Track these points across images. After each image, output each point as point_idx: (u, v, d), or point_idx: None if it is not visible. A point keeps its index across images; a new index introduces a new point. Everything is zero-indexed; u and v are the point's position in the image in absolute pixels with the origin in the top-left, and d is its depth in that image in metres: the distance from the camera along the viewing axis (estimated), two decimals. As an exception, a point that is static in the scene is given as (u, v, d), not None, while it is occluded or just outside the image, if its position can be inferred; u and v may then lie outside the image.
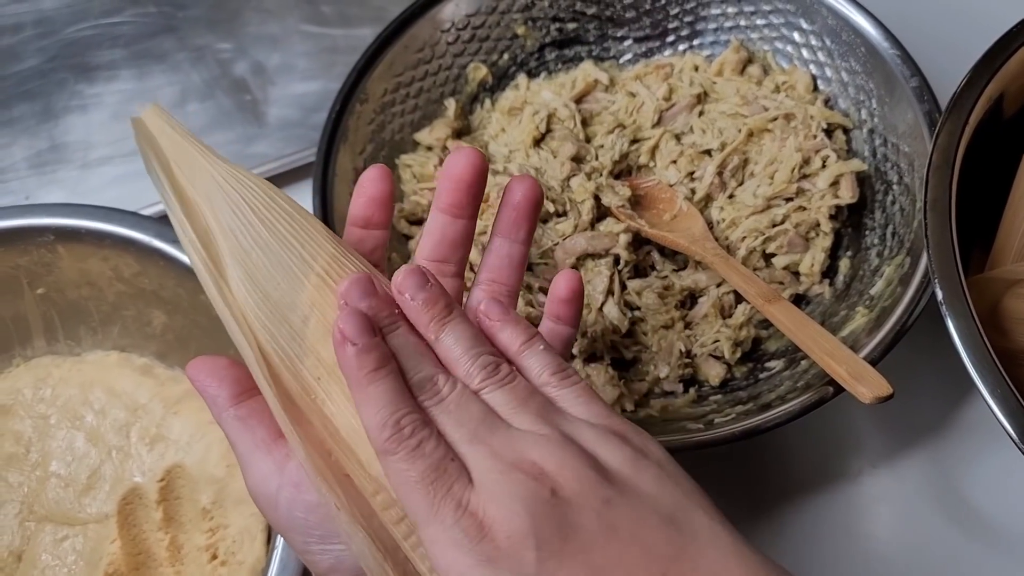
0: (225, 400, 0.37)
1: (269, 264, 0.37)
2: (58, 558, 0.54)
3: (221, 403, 0.37)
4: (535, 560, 0.29)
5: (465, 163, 0.38)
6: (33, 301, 0.58)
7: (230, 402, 0.37)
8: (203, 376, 0.37)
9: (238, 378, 0.37)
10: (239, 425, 0.36)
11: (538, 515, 0.29)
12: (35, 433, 0.57)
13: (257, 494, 0.36)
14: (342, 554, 0.35)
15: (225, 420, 0.37)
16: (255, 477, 0.36)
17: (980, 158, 0.52)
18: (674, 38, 0.70)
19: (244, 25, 0.79)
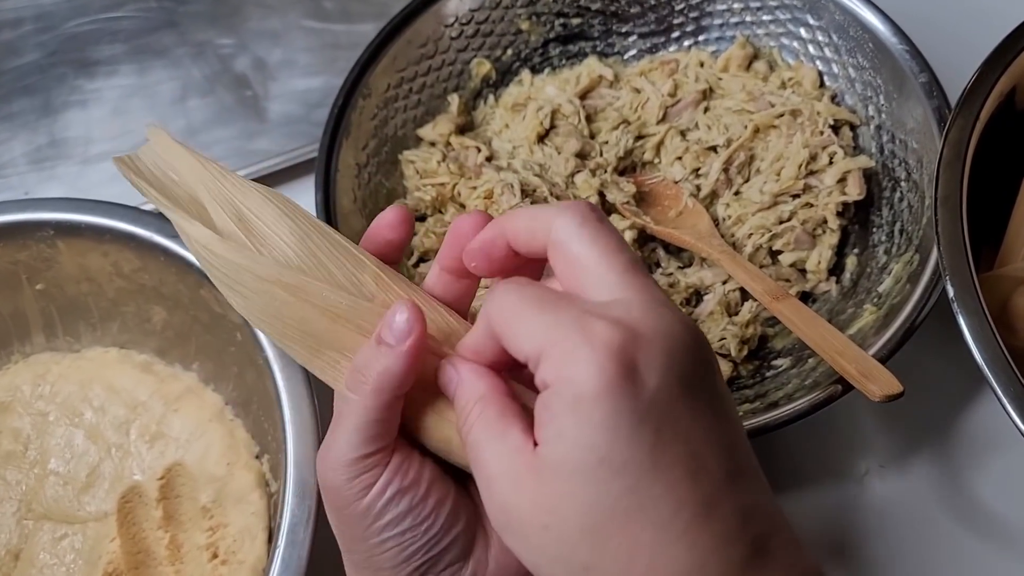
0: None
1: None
2: (57, 557, 0.53)
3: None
4: (645, 408, 0.28)
5: (471, 227, 0.37)
6: (32, 297, 0.58)
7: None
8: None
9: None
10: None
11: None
12: (34, 430, 0.57)
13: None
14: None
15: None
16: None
17: (990, 154, 0.52)
18: (679, 34, 0.69)
19: (245, 20, 0.79)
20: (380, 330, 0.33)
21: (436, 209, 0.64)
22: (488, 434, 0.30)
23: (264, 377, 0.51)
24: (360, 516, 0.33)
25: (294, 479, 0.46)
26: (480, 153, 0.64)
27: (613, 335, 0.27)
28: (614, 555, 0.27)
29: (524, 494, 0.28)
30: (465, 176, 0.63)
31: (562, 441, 0.27)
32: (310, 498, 0.46)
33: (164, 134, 0.40)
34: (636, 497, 0.27)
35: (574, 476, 0.27)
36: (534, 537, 0.28)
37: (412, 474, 0.33)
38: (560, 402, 0.27)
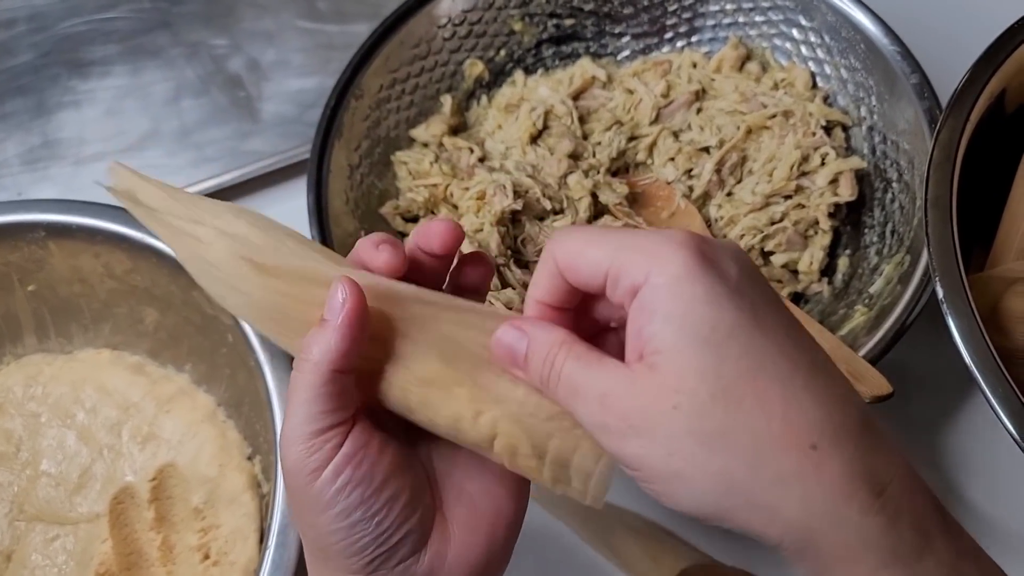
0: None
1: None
2: (48, 558, 0.53)
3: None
4: (750, 271, 0.30)
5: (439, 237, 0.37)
6: (24, 298, 0.58)
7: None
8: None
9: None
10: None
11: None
12: (26, 432, 0.57)
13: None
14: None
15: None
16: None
17: (981, 155, 0.52)
18: (672, 35, 0.69)
19: (239, 21, 0.78)
20: (324, 311, 0.33)
21: (429, 210, 0.64)
22: (583, 363, 0.30)
23: (256, 379, 0.51)
24: (312, 501, 0.33)
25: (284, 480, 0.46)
26: (473, 154, 0.64)
27: (687, 235, 0.29)
28: (749, 413, 0.28)
29: (644, 390, 0.28)
30: (458, 177, 0.63)
31: (670, 321, 0.28)
32: (301, 499, 0.46)
33: (122, 169, 0.41)
34: (754, 356, 0.28)
35: (691, 348, 0.28)
36: (665, 423, 0.28)
37: (365, 466, 0.33)
38: (656, 294, 0.29)
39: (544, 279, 0.33)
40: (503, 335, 0.33)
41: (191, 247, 0.37)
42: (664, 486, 0.29)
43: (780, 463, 0.27)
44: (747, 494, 0.28)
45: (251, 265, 0.36)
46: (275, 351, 0.50)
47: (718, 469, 0.28)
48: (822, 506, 0.27)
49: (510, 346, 0.32)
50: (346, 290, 0.33)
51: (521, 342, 0.32)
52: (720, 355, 0.28)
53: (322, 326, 0.33)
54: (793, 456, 0.27)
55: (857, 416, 0.29)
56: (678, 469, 0.28)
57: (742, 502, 0.28)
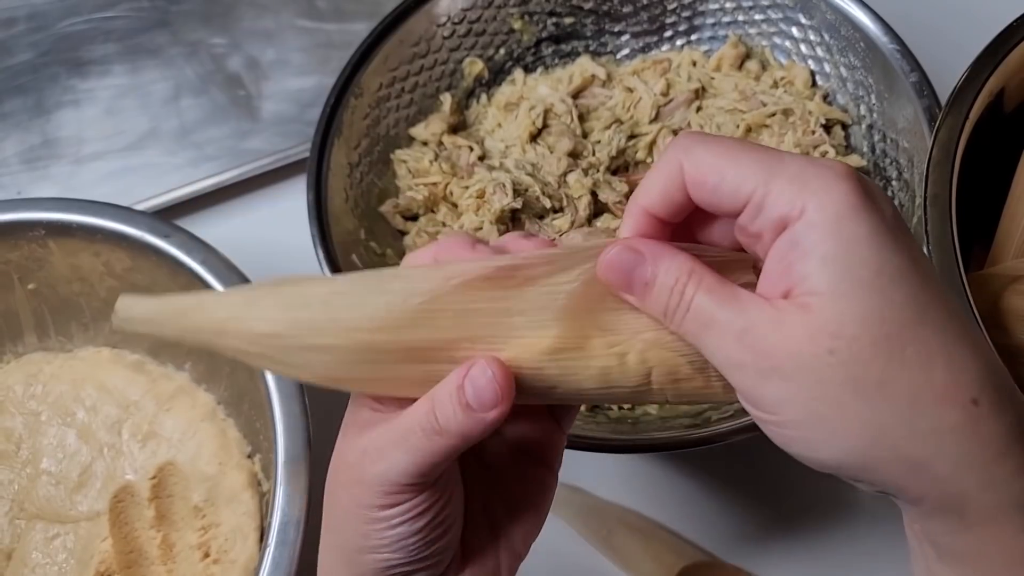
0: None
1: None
2: (49, 556, 0.53)
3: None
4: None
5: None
6: (24, 297, 0.58)
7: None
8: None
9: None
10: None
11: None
12: (26, 430, 0.57)
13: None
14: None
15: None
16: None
17: (980, 154, 0.52)
18: (672, 33, 0.69)
19: (238, 20, 0.79)
20: (464, 381, 0.30)
21: (428, 208, 0.64)
22: (718, 297, 0.28)
23: (256, 377, 0.51)
24: (373, 519, 0.32)
25: (285, 479, 0.47)
26: (472, 152, 0.64)
27: (842, 167, 0.27)
28: (912, 363, 0.26)
29: (794, 330, 0.26)
30: (457, 175, 0.63)
31: (831, 262, 0.26)
32: (301, 497, 0.46)
33: (130, 299, 0.33)
34: (917, 304, 0.26)
35: (855, 291, 0.26)
36: (817, 368, 0.26)
37: (440, 503, 0.32)
38: (814, 231, 0.26)
39: (660, 187, 0.30)
40: (618, 258, 0.30)
41: (244, 335, 0.31)
42: (804, 432, 0.27)
43: (939, 416, 0.26)
44: (898, 447, 0.26)
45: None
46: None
47: (870, 419, 0.26)
48: (976, 462, 0.26)
49: (626, 270, 0.29)
50: (499, 383, 0.30)
51: (642, 267, 0.29)
52: (885, 300, 0.26)
53: (468, 414, 0.30)
54: (953, 410, 0.26)
55: (1008, 372, 0.27)
56: (825, 415, 0.27)
57: (890, 455, 0.27)
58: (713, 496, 0.59)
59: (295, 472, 0.47)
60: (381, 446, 0.32)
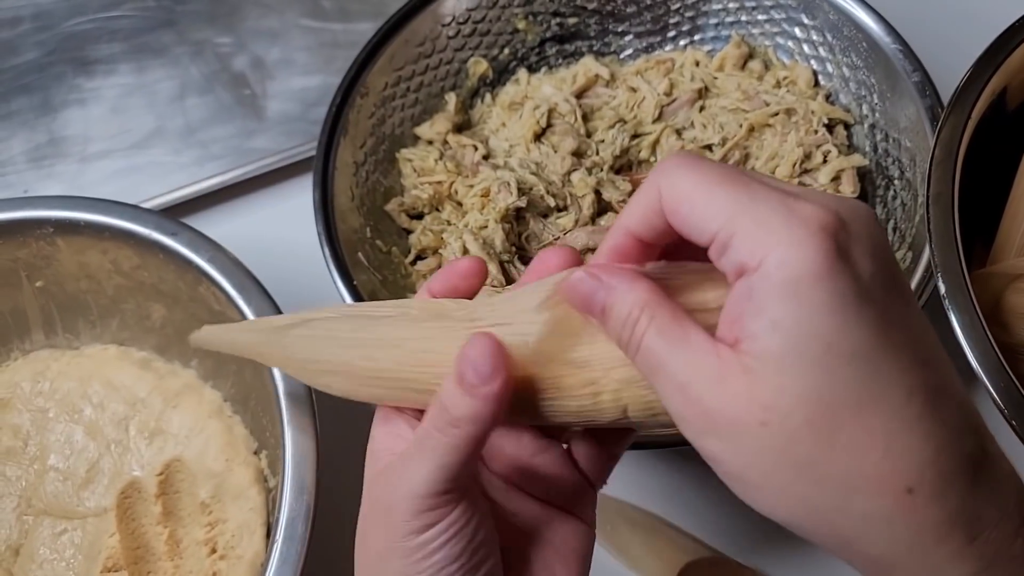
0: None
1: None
2: (56, 552, 0.53)
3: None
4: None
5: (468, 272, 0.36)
6: (32, 294, 0.58)
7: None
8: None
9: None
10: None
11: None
12: (33, 427, 0.57)
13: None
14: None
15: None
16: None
17: (982, 153, 0.52)
18: (675, 33, 0.69)
19: (243, 19, 0.79)
20: (461, 365, 0.31)
21: (433, 207, 0.64)
22: (667, 339, 0.27)
23: (263, 374, 0.51)
24: (411, 550, 0.31)
25: (292, 474, 0.47)
26: (477, 151, 0.64)
27: (823, 215, 0.25)
28: (845, 446, 0.25)
29: (733, 393, 0.25)
30: (462, 174, 0.64)
31: (779, 330, 0.25)
32: (308, 493, 0.46)
33: (201, 334, 0.43)
34: (868, 383, 0.25)
35: (797, 366, 0.25)
36: (749, 437, 0.25)
37: (475, 522, 0.32)
38: (770, 287, 0.25)
39: (640, 210, 0.29)
40: (578, 283, 0.29)
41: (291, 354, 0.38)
42: (740, 488, 0.27)
43: (869, 503, 0.25)
44: (829, 524, 0.26)
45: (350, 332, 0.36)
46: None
47: (800, 495, 0.26)
48: (908, 547, 0.25)
49: (586, 296, 0.29)
50: (492, 355, 0.30)
51: (598, 293, 0.29)
52: (828, 381, 0.25)
53: (472, 398, 0.30)
54: (885, 498, 0.25)
55: (971, 449, 0.26)
56: (757, 482, 0.26)
57: (824, 529, 0.26)
58: (717, 492, 0.59)
59: (303, 467, 0.47)
60: (403, 466, 0.32)
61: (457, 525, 0.31)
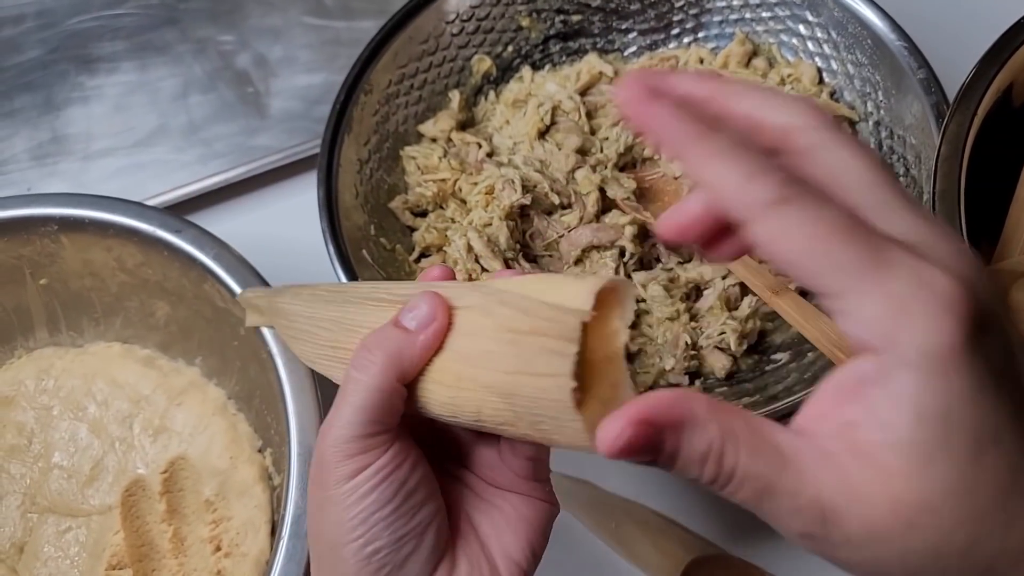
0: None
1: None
2: (61, 549, 0.53)
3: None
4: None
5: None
6: (36, 292, 0.58)
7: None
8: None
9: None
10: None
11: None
12: (38, 424, 0.57)
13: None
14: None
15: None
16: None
17: (987, 150, 0.52)
18: (679, 31, 0.69)
19: (246, 17, 0.79)
20: (399, 315, 0.32)
21: (437, 204, 0.64)
22: (765, 460, 0.24)
23: (267, 371, 0.51)
24: (342, 496, 0.32)
25: (298, 471, 0.47)
26: (481, 149, 0.64)
27: (957, 290, 0.23)
28: (994, 530, 0.24)
29: (865, 496, 0.23)
30: (466, 172, 0.64)
31: (928, 424, 0.23)
32: (314, 490, 0.46)
33: (247, 295, 0.44)
34: (1013, 468, 0.23)
35: (946, 461, 0.23)
36: (894, 540, 0.23)
37: (406, 466, 0.32)
38: (910, 374, 0.23)
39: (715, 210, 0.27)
40: (613, 436, 0.25)
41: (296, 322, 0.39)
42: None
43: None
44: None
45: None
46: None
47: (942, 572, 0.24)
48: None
49: (643, 449, 0.25)
50: (434, 303, 0.32)
51: (655, 442, 0.25)
52: (978, 470, 0.23)
53: (401, 333, 0.32)
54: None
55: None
56: (914, 572, 0.24)
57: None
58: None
59: (309, 463, 0.47)
60: (329, 417, 0.33)
61: (386, 470, 0.32)
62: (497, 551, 0.35)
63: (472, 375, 0.31)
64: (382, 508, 0.32)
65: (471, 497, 0.36)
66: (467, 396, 0.32)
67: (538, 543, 0.36)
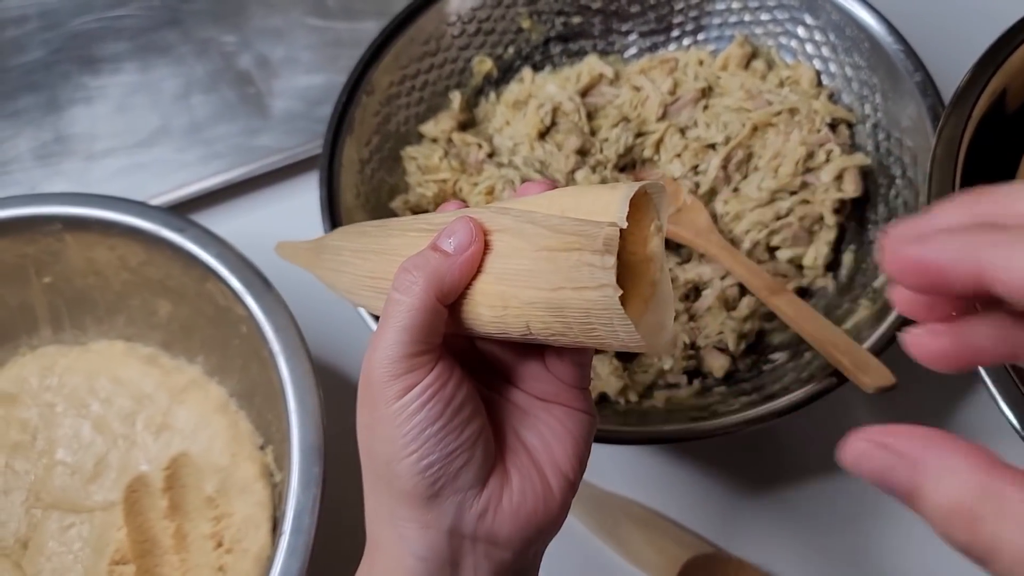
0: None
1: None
2: (64, 545, 0.54)
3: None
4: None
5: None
6: (40, 290, 0.58)
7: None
8: None
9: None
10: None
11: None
12: (41, 421, 0.58)
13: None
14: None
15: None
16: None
17: (983, 152, 0.53)
18: (679, 32, 0.70)
19: (248, 18, 0.79)
20: (437, 239, 0.34)
21: (438, 205, 0.64)
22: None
23: (269, 369, 0.51)
24: (392, 415, 0.33)
25: (299, 467, 0.47)
26: (481, 149, 0.65)
27: None
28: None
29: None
30: (466, 172, 0.64)
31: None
32: (315, 486, 0.47)
33: (283, 246, 0.46)
34: None
35: None
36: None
37: (452, 384, 0.33)
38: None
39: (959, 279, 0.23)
40: (865, 458, 0.24)
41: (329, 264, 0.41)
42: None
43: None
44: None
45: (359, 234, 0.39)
46: (289, 342, 0.51)
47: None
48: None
49: (879, 473, 0.23)
50: (470, 227, 0.33)
51: (897, 472, 0.23)
52: None
53: (441, 256, 0.33)
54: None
55: None
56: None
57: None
58: (718, 488, 0.60)
59: (309, 460, 0.47)
60: (374, 339, 0.34)
61: (433, 387, 0.33)
62: (546, 462, 0.36)
63: (516, 294, 0.32)
64: (432, 424, 0.33)
65: (517, 413, 0.37)
66: (515, 314, 0.33)
67: (584, 453, 0.37)
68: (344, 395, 0.60)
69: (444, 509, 0.34)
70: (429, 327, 0.33)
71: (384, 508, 0.35)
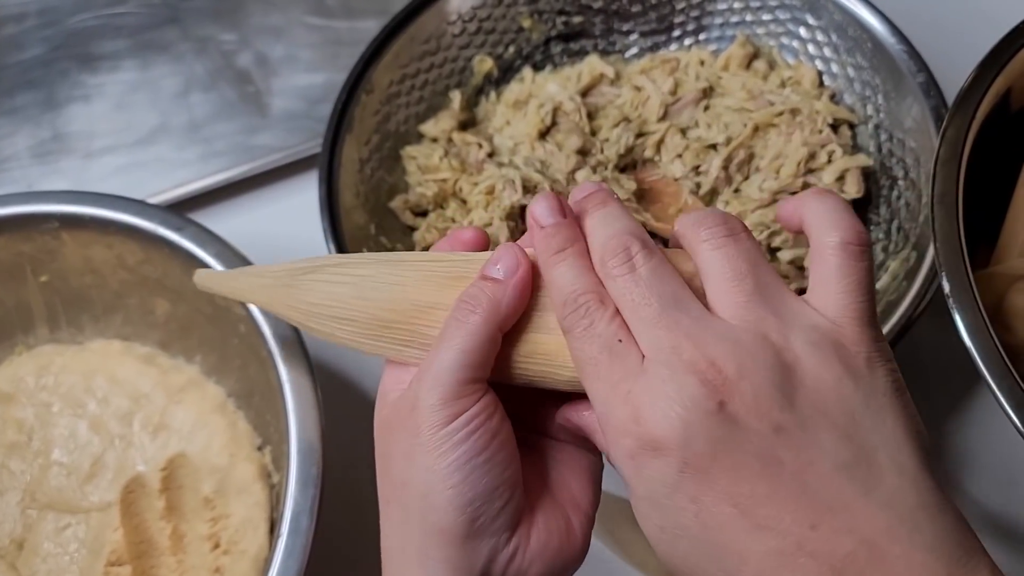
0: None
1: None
2: (60, 546, 0.54)
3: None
4: (676, 472, 0.28)
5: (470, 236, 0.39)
6: (36, 288, 0.58)
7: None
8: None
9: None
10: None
11: (693, 427, 0.28)
12: (37, 421, 0.57)
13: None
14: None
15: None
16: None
17: (986, 153, 0.52)
18: (680, 32, 0.70)
19: (248, 16, 0.79)
20: (484, 270, 0.34)
21: (437, 205, 0.64)
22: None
23: (267, 369, 0.51)
24: (438, 442, 0.32)
25: (297, 468, 0.47)
26: (482, 149, 0.64)
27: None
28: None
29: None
30: (467, 172, 0.64)
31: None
32: (313, 487, 0.47)
33: (203, 275, 0.45)
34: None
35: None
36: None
37: (497, 417, 0.33)
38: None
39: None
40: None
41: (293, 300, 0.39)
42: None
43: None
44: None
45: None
46: (288, 342, 0.50)
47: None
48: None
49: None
50: (516, 252, 0.34)
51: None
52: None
53: (493, 284, 0.33)
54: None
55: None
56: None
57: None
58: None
59: (308, 461, 0.47)
60: (426, 363, 0.33)
61: (481, 417, 0.32)
62: (566, 499, 0.36)
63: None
64: (477, 455, 0.32)
65: (536, 451, 0.37)
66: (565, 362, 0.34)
67: (599, 486, 0.37)
68: (343, 396, 0.60)
69: (480, 551, 0.32)
70: (486, 354, 0.33)
71: (413, 547, 0.33)
